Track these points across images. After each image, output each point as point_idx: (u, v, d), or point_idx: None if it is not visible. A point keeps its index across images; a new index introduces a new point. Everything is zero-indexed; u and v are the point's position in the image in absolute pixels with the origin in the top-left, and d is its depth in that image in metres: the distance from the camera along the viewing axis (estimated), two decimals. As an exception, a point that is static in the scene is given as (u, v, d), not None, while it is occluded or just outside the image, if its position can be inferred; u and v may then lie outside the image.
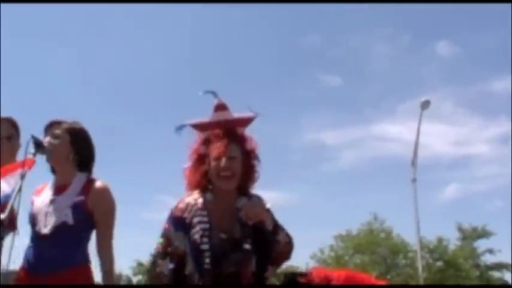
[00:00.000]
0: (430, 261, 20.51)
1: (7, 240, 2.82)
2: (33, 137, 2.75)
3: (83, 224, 2.76)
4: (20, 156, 2.92)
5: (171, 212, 2.57)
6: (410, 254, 20.70)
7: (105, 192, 2.85)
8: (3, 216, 2.40)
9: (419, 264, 18.90)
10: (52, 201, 2.79)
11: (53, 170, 2.93)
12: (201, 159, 2.59)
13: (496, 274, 21.04)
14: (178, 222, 2.51)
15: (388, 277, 20.30)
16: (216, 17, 35.22)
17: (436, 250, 20.52)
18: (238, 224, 2.49)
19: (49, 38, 37.51)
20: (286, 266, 2.76)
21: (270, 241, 2.49)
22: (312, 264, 21.44)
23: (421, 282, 18.59)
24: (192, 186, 2.61)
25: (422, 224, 19.20)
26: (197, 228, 2.47)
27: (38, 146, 2.74)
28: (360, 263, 20.37)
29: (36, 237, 2.77)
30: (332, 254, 21.88)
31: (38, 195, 2.87)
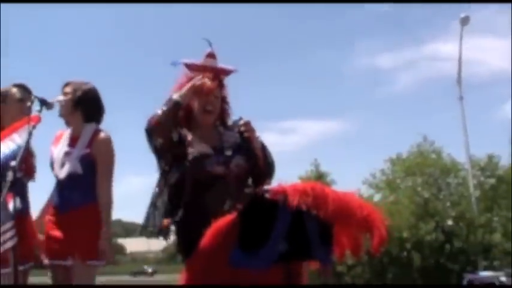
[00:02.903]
0: (482, 179, 20.53)
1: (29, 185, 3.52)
2: (36, 96, 3.25)
3: (90, 172, 3.42)
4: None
5: None
6: (462, 173, 20.77)
7: (105, 143, 3.50)
8: (14, 163, 2.84)
9: (471, 183, 19.09)
10: (66, 153, 3.45)
11: (67, 122, 3.57)
12: None
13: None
14: None
15: (441, 197, 20.52)
16: None
17: (487, 167, 20.50)
18: (219, 140, 3.02)
19: None
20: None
21: (251, 155, 2.98)
22: (363, 188, 21.84)
23: (473, 200, 18.82)
24: None
25: (478, 143, 19.29)
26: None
27: (42, 103, 3.21)
28: (412, 185, 20.60)
29: (56, 181, 3.48)
30: (383, 178, 22.15)
31: (55, 146, 3.54)
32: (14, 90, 3.57)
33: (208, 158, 2.95)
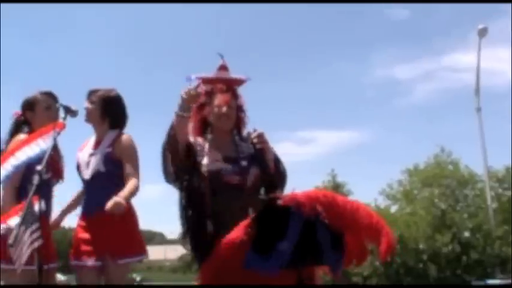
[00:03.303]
0: (500, 190, 20.37)
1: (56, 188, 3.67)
2: (61, 104, 3.39)
3: (113, 170, 3.51)
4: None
5: None
6: (479, 185, 20.64)
7: (127, 141, 3.59)
8: (39, 167, 2.95)
9: (488, 195, 18.95)
10: (91, 155, 3.58)
11: (94, 129, 3.67)
12: (201, 106, 3.23)
13: None
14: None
15: (458, 208, 20.39)
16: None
17: (505, 179, 20.34)
18: (235, 151, 3.18)
19: None
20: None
21: (264, 166, 3.13)
22: (380, 199, 21.78)
23: (491, 212, 18.68)
24: (193, 127, 3.22)
25: (496, 154, 19.10)
26: (200, 150, 3.13)
27: (67, 111, 3.34)
28: (429, 196, 20.51)
29: (83, 182, 3.61)
30: (400, 189, 22.07)
31: (81, 151, 3.66)
32: (42, 98, 3.69)
33: (225, 168, 3.09)
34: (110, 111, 3.64)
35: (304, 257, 2.75)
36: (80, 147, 3.73)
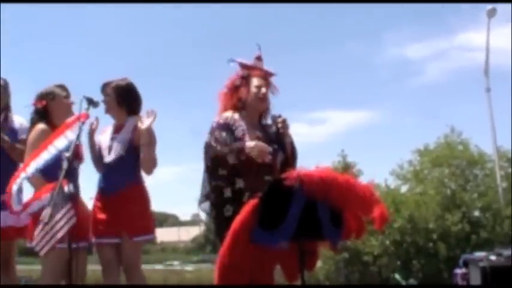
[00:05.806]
0: (509, 170, 20.45)
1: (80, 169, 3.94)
2: (84, 96, 3.66)
3: (134, 155, 3.79)
4: (75, 112, 3.85)
5: (216, 123, 3.52)
6: (489, 165, 20.71)
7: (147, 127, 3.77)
8: (68, 154, 3.28)
9: (498, 174, 19.09)
10: (112, 139, 3.87)
11: (114, 117, 3.99)
12: (236, 88, 3.62)
13: None
14: (224, 126, 3.48)
15: (468, 188, 20.52)
16: None
17: (515, 159, 20.39)
18: (264, 133, 3.57)
19: None
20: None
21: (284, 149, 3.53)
22: (391, 180, 21.96)
23: (500, 191, 18.84)
24: (228, 108, 3.61)
25: (506, 134, 19.00)
26: (239, 129, 3.49)
27: (89, 102, 3.64)
28: (439, 176, 20.64)
29: (103, 165, 3.87)
30: (411, 169, 22.18)
31: (102, 135, 3.96)
32: (58, 89, 4.00)
33: None
34: (125, 100, 3.93)
35: (305, 232, 3.03)
36: (102, 131, 4.02)
